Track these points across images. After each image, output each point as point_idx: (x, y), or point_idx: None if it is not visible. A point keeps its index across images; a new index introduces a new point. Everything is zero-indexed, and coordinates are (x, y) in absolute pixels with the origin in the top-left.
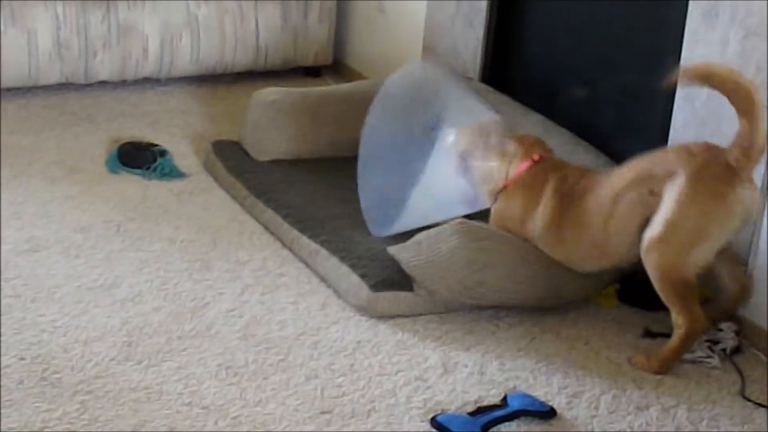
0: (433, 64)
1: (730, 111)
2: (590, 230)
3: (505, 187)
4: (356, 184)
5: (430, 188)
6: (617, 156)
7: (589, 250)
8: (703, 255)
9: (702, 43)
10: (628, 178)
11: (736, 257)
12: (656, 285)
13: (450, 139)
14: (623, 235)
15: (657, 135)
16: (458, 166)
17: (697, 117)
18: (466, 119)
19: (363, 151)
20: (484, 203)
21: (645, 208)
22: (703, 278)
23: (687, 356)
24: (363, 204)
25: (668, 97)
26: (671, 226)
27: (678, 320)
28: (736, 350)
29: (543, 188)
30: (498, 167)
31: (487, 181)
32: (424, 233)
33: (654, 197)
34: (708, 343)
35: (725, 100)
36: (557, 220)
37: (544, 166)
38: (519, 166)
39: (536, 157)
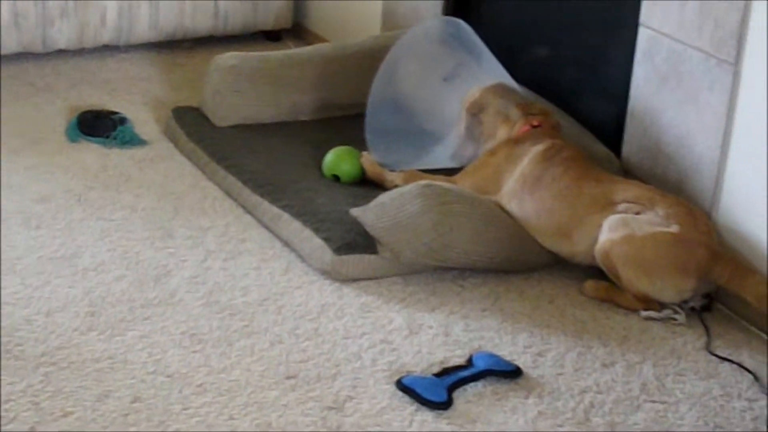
0: (455, 22)
1: (690, 66)
2: (556, 212)
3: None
4: (317, 148)
5: (436, 135)
6: (578, 113)
7: (548, 228)
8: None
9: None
10: (630, 195)
11: None
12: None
13: (469, 92)
14: (592, 237)
15: (618, 92)
16: (466, 121)
17: (659, 73)
18: (480, 78)
19: (377, 92)
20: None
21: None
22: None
23: (654, 315)
24: (369, 136)
25: (628, 54)
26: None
27: (633, 300)
28: (706, 308)
29: (530, 149)
30: (501, 129)
31: (488, 141)
32: (387, 194)
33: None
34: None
35: (686, 56)
36: (529, 184)
37: (541, 132)
38: (519, 130)
39: (535, 122)
